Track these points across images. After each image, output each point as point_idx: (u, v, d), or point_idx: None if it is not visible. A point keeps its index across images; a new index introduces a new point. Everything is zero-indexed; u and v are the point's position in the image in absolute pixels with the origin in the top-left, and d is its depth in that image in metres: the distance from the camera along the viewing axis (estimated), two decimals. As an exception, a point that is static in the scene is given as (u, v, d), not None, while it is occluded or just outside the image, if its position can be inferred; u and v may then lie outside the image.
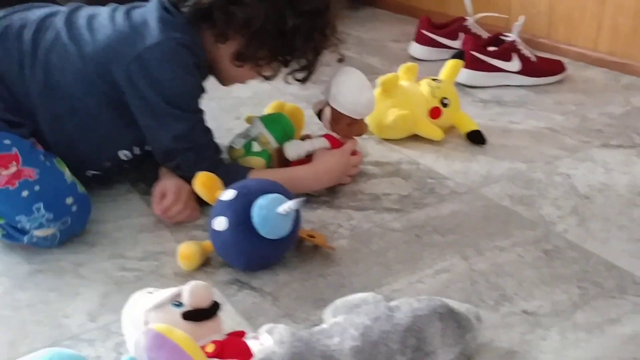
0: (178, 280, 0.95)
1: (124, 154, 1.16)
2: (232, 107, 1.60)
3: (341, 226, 1.11)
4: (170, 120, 1.08)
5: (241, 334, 0.77)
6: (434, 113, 1.42)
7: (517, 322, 0.87)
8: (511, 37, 1.74)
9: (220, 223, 0.93)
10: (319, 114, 1.24)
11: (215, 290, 0.94)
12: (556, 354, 0.81)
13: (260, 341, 0.72)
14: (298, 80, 1.18)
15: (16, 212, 0.99)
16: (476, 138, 1.40)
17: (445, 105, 1.42)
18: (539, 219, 1.11)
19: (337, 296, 0.85)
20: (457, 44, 1.95)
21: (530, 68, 1.73)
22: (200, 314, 0.75)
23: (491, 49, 1.74)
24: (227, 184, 1.00)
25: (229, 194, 0.95)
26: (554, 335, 0.84)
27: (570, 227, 1.09)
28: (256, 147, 1.23)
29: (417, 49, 2.00)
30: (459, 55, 1.51)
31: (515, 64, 1.72)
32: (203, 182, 1.01)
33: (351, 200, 1.19)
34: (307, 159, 1.21)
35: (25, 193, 0.99)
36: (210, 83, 1.20)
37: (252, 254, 0.95)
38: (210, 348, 0.72)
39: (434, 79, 1.45)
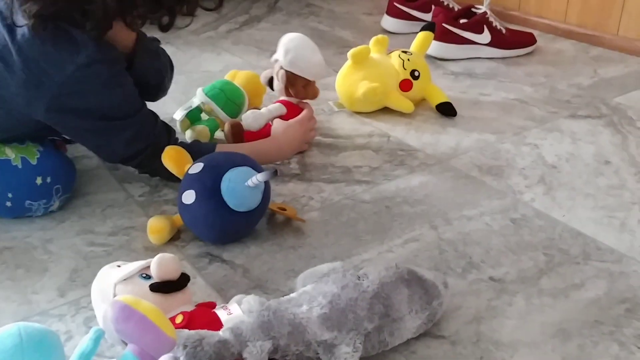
0: (148, 255, 0.95)
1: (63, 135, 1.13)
2: (201, 81, 1.58)
3: (312, 199, 1.12)
4: (115, 133, 1.03)
5: (211, 305, 0.78)
6: (405, 85, 1.42)
7: (484, 289, 0.88)
8: (482, 9, 1.75)
9: (188, 196, 0.93)
10: (270, 83, 1.25)
11: (185, 264, 0.94)
12: (521, 319, 0.83)
13: (229, 311, 0.73)
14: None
15: None
16: (446, 110, 1.41)
17: (415, 77, 1.42)
18: (507, 189, 1.13)
19: (308, 267, 0.85)
20: (429, 16, 1.95)
21: (500, 40, 1.74)
22: (169, 286, 0.75)
23: (462, 21, 1.74)
24: (195, 159, 0.99)
25: (197, 167, 0.95)
26: (520, 301, 0.86)
27: (537, 196, 1.10)
28: (201, 116, 1.24)
29: (389, 22, 2.00)
30: (429, 27, 1.51)
31: (485, 37, 1.73)
32: (171, 156, 1.00)
33: (322, 173, 1.20)
34: (264, 128, 1.22)
35: None
36: (178, 59, 1.18)
37: (221, 227, 0.95)
38: (179, 319, 0.73)
39: (404, 51, 1.46)
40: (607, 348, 0.78)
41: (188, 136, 1.24)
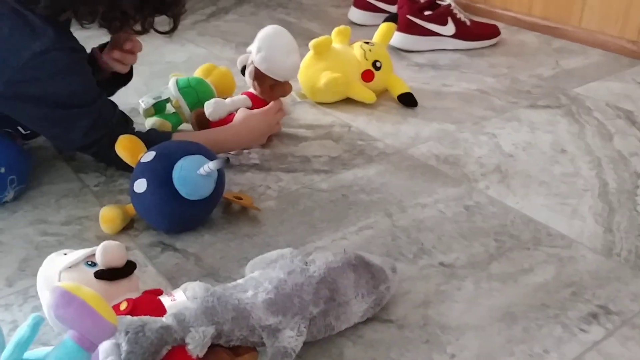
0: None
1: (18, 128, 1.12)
2: (164, 72, 1.58)
3: (270, 188, 1.12)
4: (73, 121, 1.03)
5: (157, 292, 0.78)
6: (367, 76, 1.43)
7: (434, 274, 0.89)
8: (447, 1, 1.76)
9: (140, 185, 0.93)
10: (243, 70, 1.24)
11: (137, 253, 0.94)
12: (469, 303, 0.84)
13: (173, 297, 0.73)
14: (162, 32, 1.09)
15: None
16: (407, 100, 1.42)
17: (377, 68, 1.43)
18: (463, 177, 1.14)
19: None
20: (395, 9, 1.96)
21: (464, 32, 1.75)
22: (113, 273, 0.75)
23: (427, 13, 1.74)
24: (149, 148, 0.99)
25: (149, 156, 0.94)
26: (469, 285, 0.87)
27: (492, 184, 1.11)
28: (168, 108, 1.24)
29: (356, 14, 2.00)
30: (391, 18, 1.52)
31: (450, 28, 1.74)
32: (125, 145, 1.00)
33: (281, 163, 1.20)
34: (229, 118, 1.21)
35: None
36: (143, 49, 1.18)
37: (174, 216, 0.94)
38: (124, 306, 0.73)
39: (366, 42, 1.46)
40: (551, 330, 0.79)
41: (148, 125, 1.23)
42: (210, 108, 1.19)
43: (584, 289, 0.86)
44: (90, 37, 1.10)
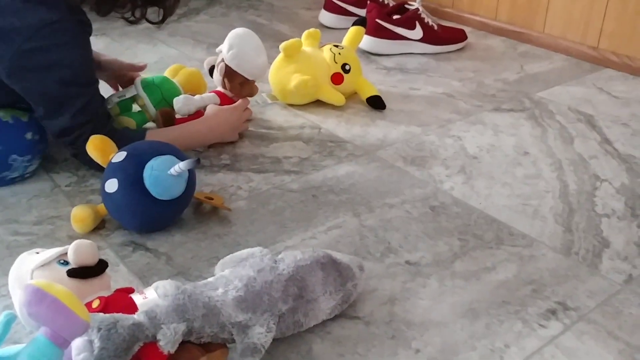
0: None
1: None
2: (136, 73, 1.58)
3: (240, 188, 1.14)
4: (68, 100, 1.05)
5: (129, 290, 0.79)
6: (336, 79, 1.45)
7: (400, 272, 0.92)
8: (415, 5, 1.79)
9: (111, 185, 0.94)
10: (211, 70, 1.26)
11: (108, 252, 0.95)
12: (433, 300, 0.87)
13: (145, 295, 0.74)
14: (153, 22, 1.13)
15: None
16: (376, 103, 1.45)
17: (346, 71, 1.45)
18: (429, 178, 1.17)
19: (232, 254, 0.88)
20: (365, 12, 1.99)
21: (432, 36, 1.79)
22: (86, 272, 0.76)
23: (395, 17, 1.78)
24: (122, 146, 1.00)
25: (120, 156, 0.95)
26: (433, 283, 0.90)
27: (456, 185, 1.15)
28: (133, 107, 1.25)
29: (326, 17, 2.03)
30: (360, 22, 1.55)
31: (417, 32, 1.78)
32: (96, 145, 1.00)
33: (252, 164, 1.22)
34: (196, 115, 1.23)
35: None
36: (113, 50, 1.18)
37: (145, 216, 0.96)
38: (96, 304, 0.74)
39: (335, 45, 1.48)
40: (511, 326, 0.83)
41: None
42: (180, 103, 1.21)
43: (543, 286, 0.90)
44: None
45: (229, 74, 1.23)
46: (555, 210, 1.08)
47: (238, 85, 1.24)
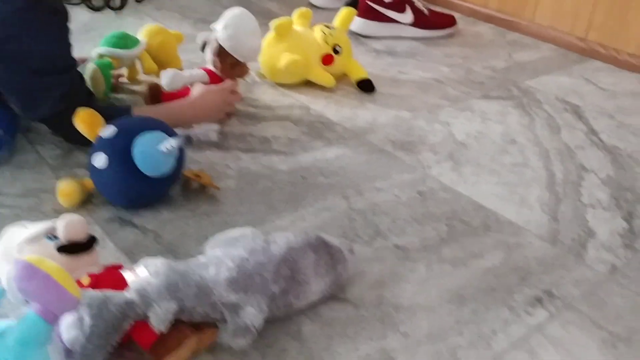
0: (58, 217, 0.94)
1: None
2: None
3: (229, 167, 1.13)
4: (46, 90, 1.03)
5: (119, 266, 0.78)
6: (326, 59, 1.44)
7: (389, 256, 0.92)
8: (406, -12, 1.78)
9: (99, 160, 0.92)
10: (204, 46, 1.24)
11: (95, 227, 0.94)
12: (421, 285, 0.88)
13: (136, 273, 0.73)
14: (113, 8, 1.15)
15: None
16: (366, 86, 1.44)
17: (337, 52, 1.44)
18: (417, 163, 1.17)
19: (220, 233, 0.87)
20: (356, -7, 1.97)
21: (422, 21, 1.78)
22: (75, 248, 0.75)
23: (387, 0, 1.77)
24: (108, 122, 0.98)
25: (109, 131, 0.94)
26: (421, 268, 0.91)
27: (444, 170, 1.15)
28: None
29: (316, -4, 2.01)
30: (352, 3, 1.54)
31: (408, 16, 1.77)
32: (83, 118, 0.99)
33: (240, 143, 1.21)
34: (183, 91, 1.21)
35: None
36: (98, 24, 1.16)
37: (132, 192, 0.95)
38: (86, 280, 0.73)
39: (327, 26, 1.47)
40: (498, 312, 0.84)
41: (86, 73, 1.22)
42: (168, 79, 1.19)
43: (530, 274, 0.91)
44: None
45: (221, 53, 1.21)
46: (542, 199, 1.09)
47: (228, 66, 1.22)
